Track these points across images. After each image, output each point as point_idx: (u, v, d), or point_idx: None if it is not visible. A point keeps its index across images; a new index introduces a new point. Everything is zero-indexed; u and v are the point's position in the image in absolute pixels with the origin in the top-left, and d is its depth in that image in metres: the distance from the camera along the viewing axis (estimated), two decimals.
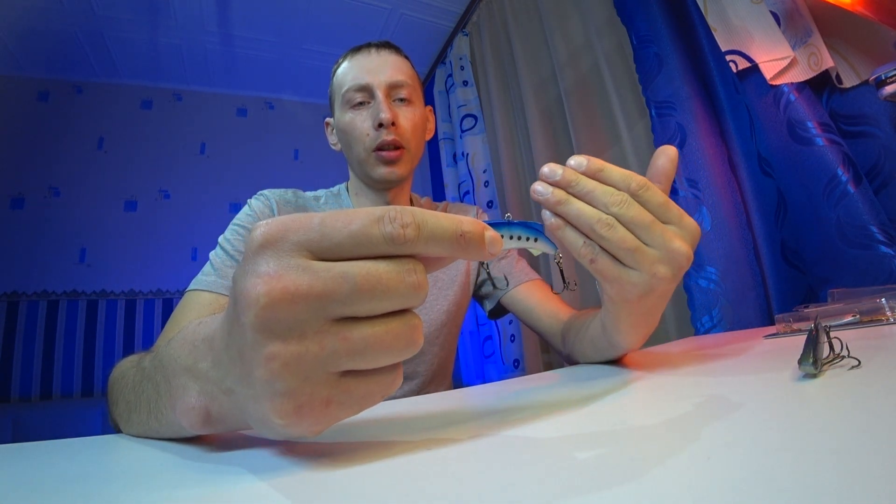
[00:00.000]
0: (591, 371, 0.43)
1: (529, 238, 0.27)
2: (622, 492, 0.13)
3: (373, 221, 0.18)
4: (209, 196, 2.23)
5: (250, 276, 0.17)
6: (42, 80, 2.08)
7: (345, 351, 0.17)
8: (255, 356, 0.17)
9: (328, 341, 0.17)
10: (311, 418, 0.18)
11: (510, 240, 0.26)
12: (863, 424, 0.17)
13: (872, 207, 0.64)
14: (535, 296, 0.70)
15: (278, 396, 0.17)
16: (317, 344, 0.17)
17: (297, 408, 0.17)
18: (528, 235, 0.27)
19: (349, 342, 0.17)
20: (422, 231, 0.18)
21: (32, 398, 1.78)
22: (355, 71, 0.66)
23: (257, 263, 0.17)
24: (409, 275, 0.18)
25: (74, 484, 0.20)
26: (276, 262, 0.17)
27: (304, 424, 0.18)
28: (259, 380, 0.17)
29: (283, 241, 0.17)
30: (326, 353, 0.17)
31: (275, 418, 0.17)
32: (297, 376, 0.17)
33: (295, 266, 0.17)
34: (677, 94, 0.89)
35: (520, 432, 0.22)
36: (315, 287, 0.16)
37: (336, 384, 0.18)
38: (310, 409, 0.17)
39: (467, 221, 0.19)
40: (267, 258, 0.17)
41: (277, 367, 0.16)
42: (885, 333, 0.39)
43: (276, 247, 0.17)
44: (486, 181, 1.69)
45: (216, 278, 0.56)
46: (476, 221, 0.20)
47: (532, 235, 0.27)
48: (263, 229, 0.17)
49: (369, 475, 0.18)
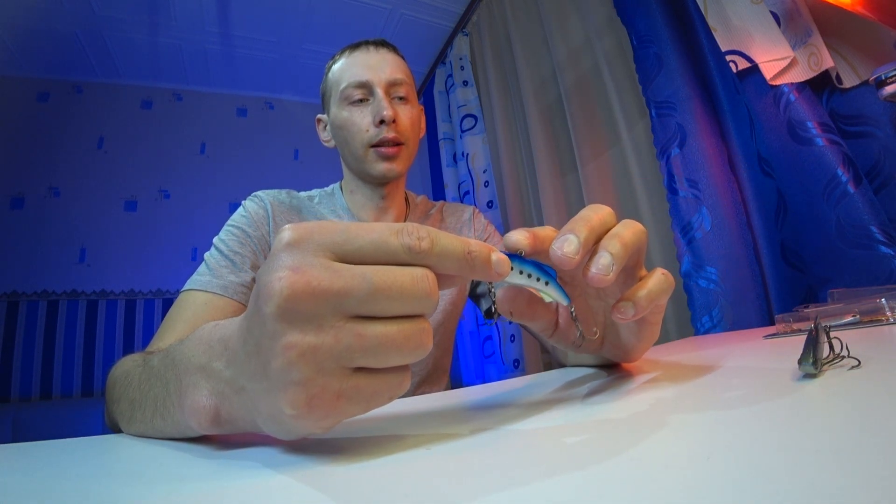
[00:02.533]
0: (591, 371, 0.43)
1: (540, 279, 0.25)
2: (622, 492, 0.13)
3: (393, 232, 0.19)
4: (209, 196, 2.23)
5: (274, 270, 0.18)
6: (42, 80, 2.08)
7: (359, 347, 0.18)
8: (273, 345, 0.18)
9: (343, 336, 0.18)
10: (321, 411, 0.18)
11: (519, 275, 0.24)
12: (863, 424, 0.17)
13: (872, 207, 0.64)
14: None
15: (292, 386, 0.18)
16: (332, 337, 0.18)
17: (309, 398, 0.18)
18: (538, 276, 0.25)
19: (363, 339, 0.18)
20: (435, 245, 0.20)
21: (32, 398, 1.78)
22: (354, 68, 0.66)
23: (282, 259, 0.18)
24: (422, 281, 0.19)
25: (74, 484, 0.20)
26: (301, 259, 0.18)
27: (313, 417, 0.18)
28: (275, 370, 0.18)
29: (309, 242, 0.18)
30: (341, 348, 0.18)
31: (287, 408, 0.18)
32: (312, 367, 0.18)
33: (318, 264, 0.18)
34: (677, 94, 0.89)
35: (519, 430, 0.22)
36: (335, 284, 0.18)
37: (347, 379, 0.18)
38: (320, 401, 0.18)
39: (475, 243, 0.21)
40: (292, 255, 0.18)
41: (294, 356, 0.17)
42: (885, 333, 0.39)
43: (301, 246, 0.18)
44: (486, 181, 1.69)
45: (211, 278, 0.56)
46: (483, 244, 0.21)
47: (543, 278, 0.25)
48: (291, 231, 0.19)
49: (375, 470, 0.18)
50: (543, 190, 1.41)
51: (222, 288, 0.55)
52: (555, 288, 0.26)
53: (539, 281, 0.25)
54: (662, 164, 0.91)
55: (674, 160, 0.88)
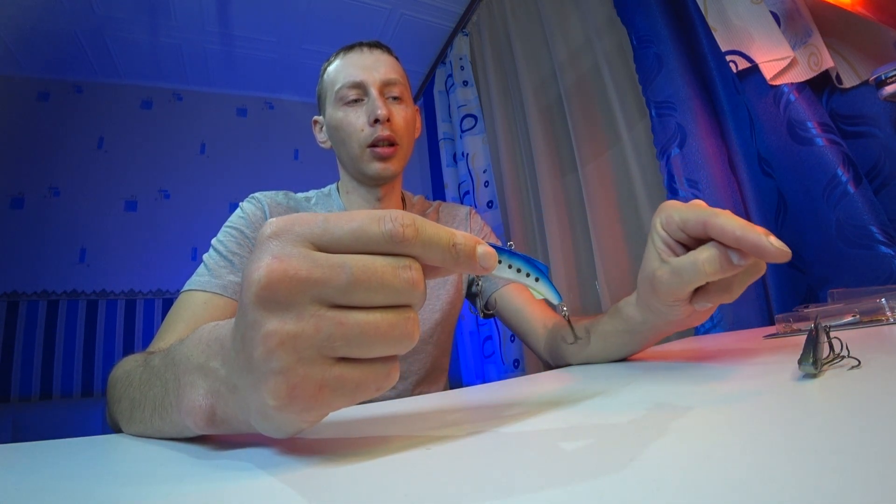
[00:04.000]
0: (591, 371, 0.43)
1: (530, 275, 0.24)
2: (622, 493, 0.13)
3: (374, 220, 0.19)
4: (209, 196, 2.23)
5: (255, 261, 0.18)
6: (42, 80, 2.08)
7: (340, 335, 0.18)
8: (254, 335, 0.18)
9: (324, 325, 0.18)
10: (303, 401, 0.18)
11: (508, 269, 0.24)
12: (863, 424, 0.17)
13: (872, 207, 0.64)
14: (524, 296, 0.71)
15: (273, 375, 0.17)
16: (313, 326, 0.18)
17: (291, 388, 0.18)
18: (528, 271, 0.24)
19: (344, 327, 0.18)
20: (419, 233, 0.19)
21: (32, 398, 1.78)
22: (349, 68, 0.67)
23: (263, 251, 0.18)
24: (404, 271, 0.19)
25: (74, 484, 0.20)
26: (280, 249, 0.18)
27: (295, 408, 0.18)
28: (256, 360, 0.18)
29: (289, 233, 0.18)
30: (322, 336, 0.18)
31: (269, 399, 0.18)
32: (293, 356, 0.17)
33: (297, 253, 0.18)
34: (677, 95, 0.89)
35: (518, 430, 0.22)
36: (314, 273, 0.18)
37: (330, 369, 0.18)
38: (302, 391, 0.18)
39: (461, 234, 0.21)
40: (272, 245, 0.18)
41: (274, 344, 0.17)
42: (885, 333, 0.39)
43: (281, 237, 0.18)
44: (486, 181, 1.69)
45: (210, 278, 0.56)
46: (470, 236, 0.21)
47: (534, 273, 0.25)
48: (272, 224, 0.19)
49: (373, 470, 0.18)
50: (543, 190, 1.41)
51: (221, 288, 0.55)
52: (545, 284, 0.25)
53: (529, 277, 0.25)
54: (662, 164, 0.91)
55: (674, 160, 0.88)
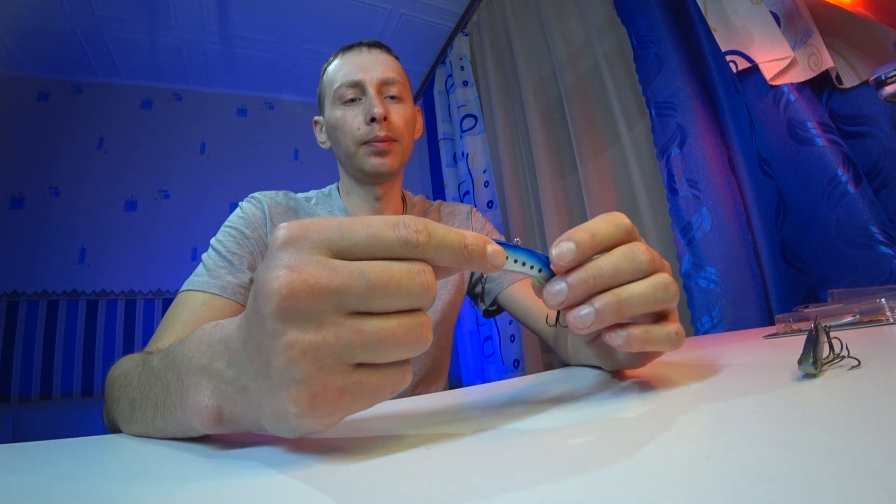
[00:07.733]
0: (591, 371, 0.43)
1: (534, 266, 0.26)
2: (622, 493, 0.13)
3: (389, 226, 0.19)
4: (209, 196, 2.23)
5: (272, 269, 0.18)
6: (42, 80, 2.08)
7: (359, 342, 0.18)
8: (274, 345, 0.18)
9: (344, 333, 0.18)
10: (325, 408, 0.18)
11: (514, 263, 0.25)
12: (863, 424, 0.17)
13: (872, 208, 0.64)
14: (532, 294, 0.70)
15: (295, 384, 0.18)
16: (333, 334, 0.18)
17: (312, 396, 0.18)
18: (531, 263, 0.26)
19: (363, 334, 0.18)
20: (432, 238, 0.20)
21: (32, 398, 1.78)
22: (347, 68, 0.67)
23: (279, 259, 0.18)
24: (419, 275, 0.19)
25: (74, 484, 0.20)
26: (297, 258, 0.18)
27: (317, 414, 0.18)
28: (277, 368, 0.18)
29: (304, 240, 0.18)
30: (342, 344, 0.18)
31: (291, 407, 0.18)
32: (314, 364, 0.18)
33: (315, 261, 0.18)
34: (677, 95, 0.89)
35: (519, 429, 0.22)
36: (333, 281, 0.18)
37: (349, 375, 0.18)
38: (324, 398, 0.18)
39: (471, 235, 0.21)
40: (289, 254, 0.18)
41: (295, 354, 0.17)
42: (885, 333, 0.39)
43: (297, 244, 0.18)
44: (486, 181, 1.69)
45: (209, 279, 0.56)
46: (479, 236, 0.22)
47: (536, 264, 0.26)
48: (286, 229, 0.19)
49: (375, 470, 0.18)
50: (543, 190, 1.41)
51: (220, 288, 0.55)
52: (547, 273, 0.27)
53: (533, 269, 0.26)
54: (662, 164, 0.91)
55: (674, 160, 0.88)
